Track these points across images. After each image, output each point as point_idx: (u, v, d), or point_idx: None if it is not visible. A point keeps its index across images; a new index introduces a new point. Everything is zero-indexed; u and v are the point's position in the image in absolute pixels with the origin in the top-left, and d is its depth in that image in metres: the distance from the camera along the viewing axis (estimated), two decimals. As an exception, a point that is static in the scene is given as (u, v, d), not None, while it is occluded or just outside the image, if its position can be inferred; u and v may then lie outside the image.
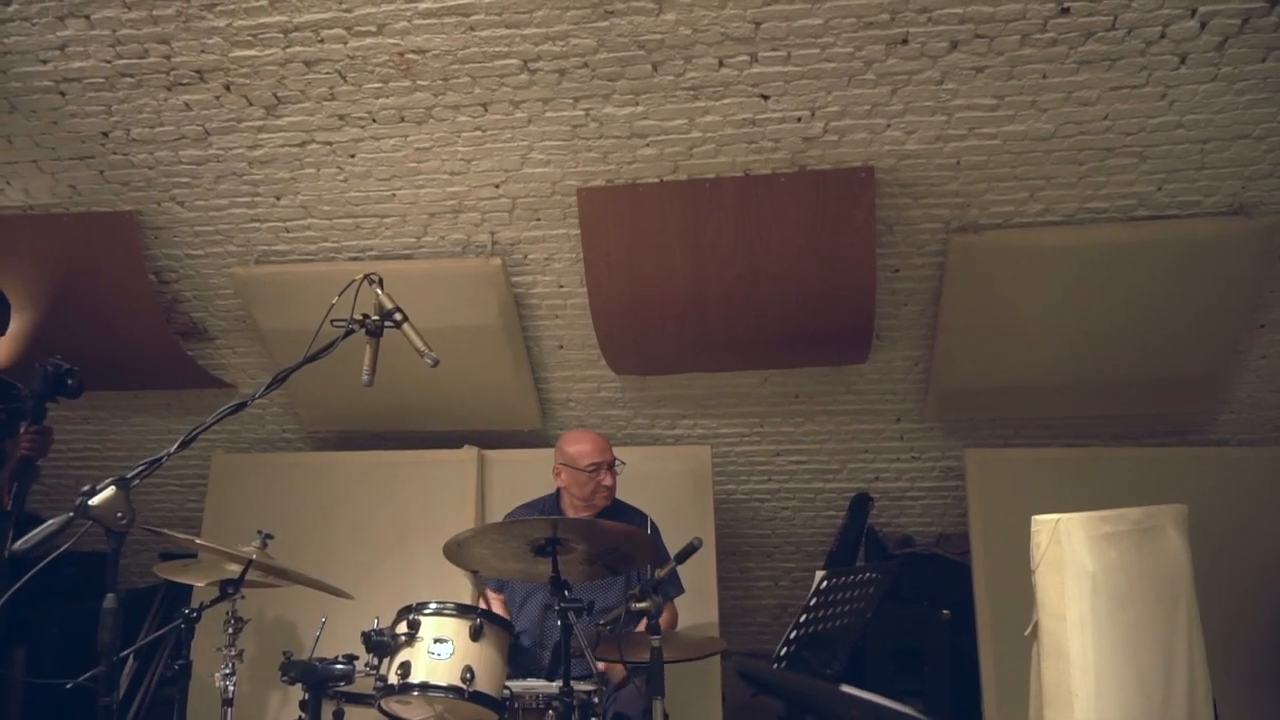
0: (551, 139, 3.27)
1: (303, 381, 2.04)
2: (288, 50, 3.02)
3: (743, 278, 3.52)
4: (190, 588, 3.45)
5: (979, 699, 3.67)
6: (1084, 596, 1.65)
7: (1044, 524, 1.70)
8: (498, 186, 3.45)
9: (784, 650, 2.23)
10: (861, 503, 4.15)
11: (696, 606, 3.73)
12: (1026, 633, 1.74)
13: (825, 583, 2.21)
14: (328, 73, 3.08)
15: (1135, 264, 3.41)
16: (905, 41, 2.89)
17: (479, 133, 3.27)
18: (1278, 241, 3.37)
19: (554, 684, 2.38)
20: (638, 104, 3.13)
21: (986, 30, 2.84)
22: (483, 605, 3.03)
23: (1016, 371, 3.74)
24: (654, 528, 2.91)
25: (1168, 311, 3.51)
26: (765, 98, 3.09)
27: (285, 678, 2.42)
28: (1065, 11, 2.77)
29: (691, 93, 3.09)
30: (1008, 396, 3.86)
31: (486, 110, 3.20)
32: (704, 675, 3.73)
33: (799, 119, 3.15)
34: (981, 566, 3.76)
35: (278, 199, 3.55)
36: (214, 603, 2.69)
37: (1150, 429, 3.99)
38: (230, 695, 2.71)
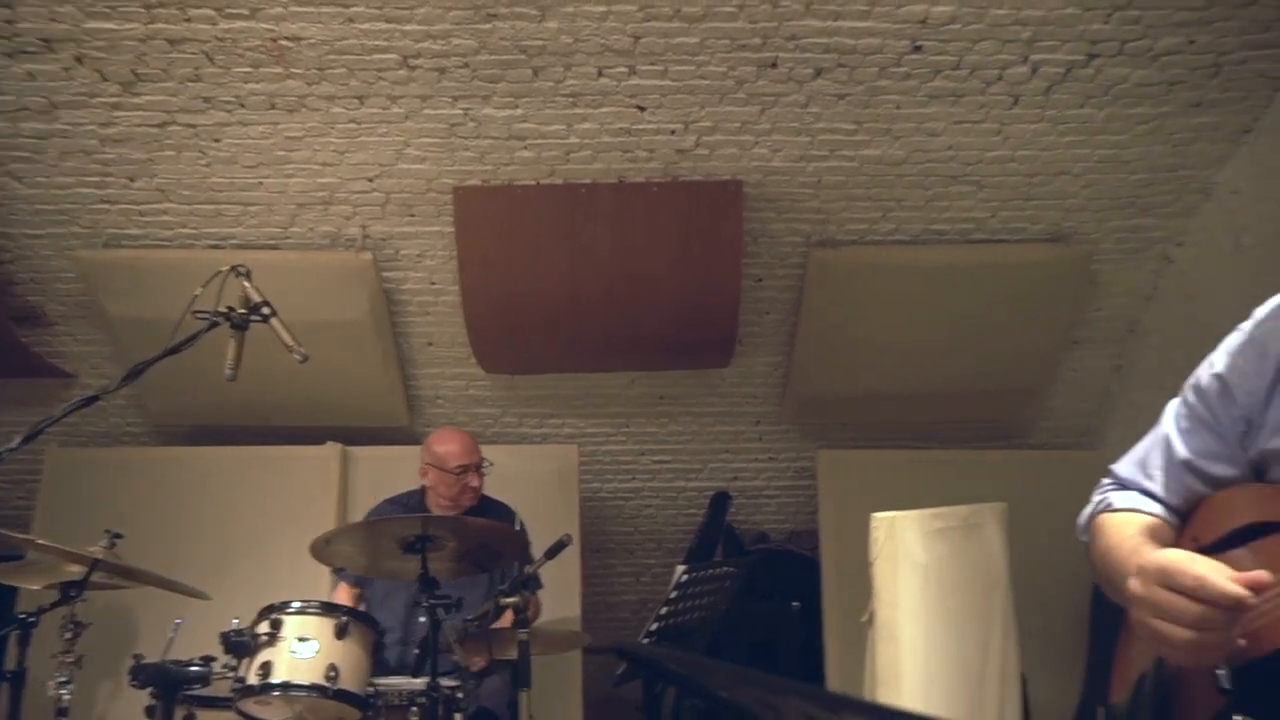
0: (429, 136, 3.26)
1: (151, 372, 1.97)
2: (150, 26, 2.88)
3: (616, 282, 3.62)
4: (14, 591, 3.23)
5: (825, 686, 3.90)
6: (915, 586, 1.84)
7: (882, 520, 1.88)
8: (371, 180, 3.41)
9: (644, 642, 2.33)
10: (721, 501, 4.33)
11: (560, 602, 3.79)
12: (863, 620, 1.91)
13: (685, 577, 2.33)
14: (193, 53, 2.96)
15: (971, 283, 3.73)
16: (775, 65, 3.06)
17: (353, 125, 3.22)
18: (1090, 268, 3.76)
19: (420, 680, 2.39)
20: (517, 107, 3.17)
21: (848, 60, 3.05)
22: (337, 599, 3.01)
23: (866, 379, 4.00)
24: (521, 524, 2.96)
25: (998, 327, 3.85)
26: (641, 109, 3.20)
27: (135, 682, 2.32)
28: (918, 49, 3.02)
29: (570, 99, 3.16)
30: (858, 402, 4.13)
31: (362, 103, 3.15)
32: (565, 669, 3.80)
33: (673, 131, 3.28)
34: (829, 561, 4.00)
35: (131, 180, 3.37)
36: (54, 606, 2.54)
37: (981, 434, 4.36)
38: (65, 705, 2.56)
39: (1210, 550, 1.04)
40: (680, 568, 2.37)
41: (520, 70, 3.05)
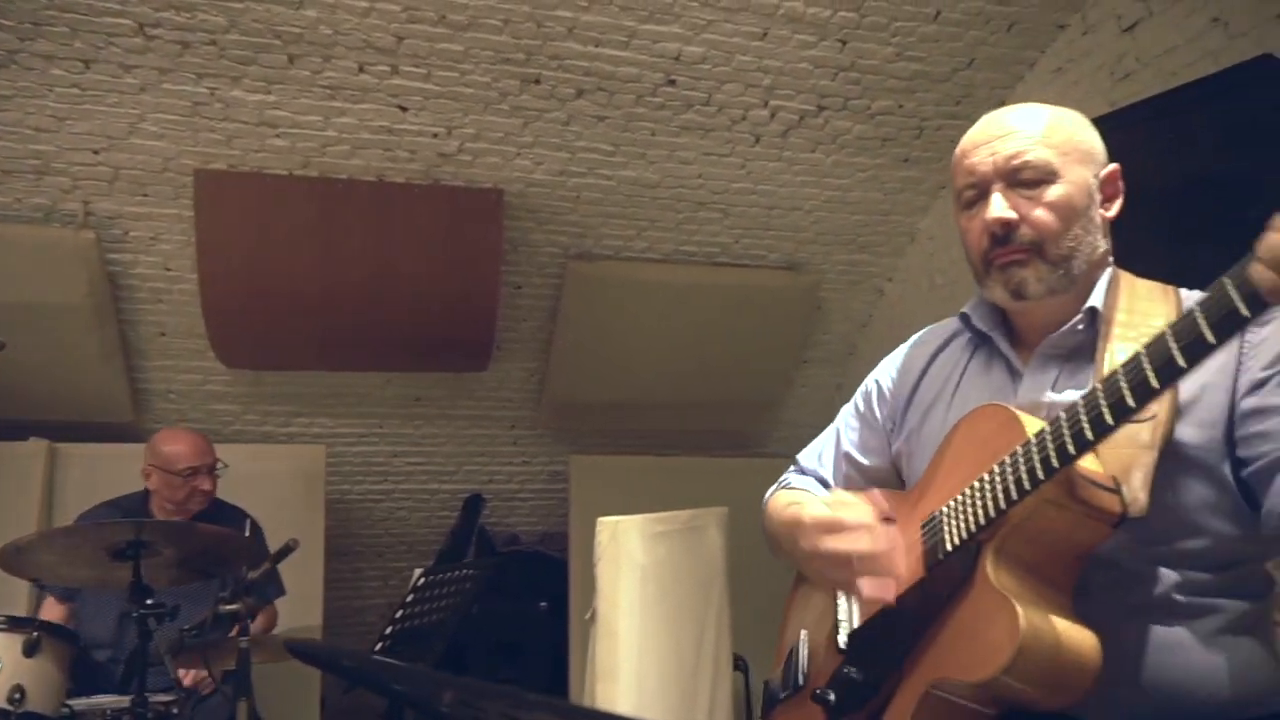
0: (168, 112, 3.04)
1: None
2: None
3: (371, 280, 3.55)
4: None
5: (569, 684, 4.04)
6: (634, 585, 1.99)
7: (606, 524, 2.01)
8: (97, 153, 3.12)
9: (380, 645, 2.33)
10: (474, 503, 4.36)
11: (301, 608, 3.65)
12: (586, 617, 2.04)
13: (421, 580, 2.35)
14: (-128, -11, 2.58)
15: (715, 302, 4.02)
16: (538, 81, 3.16)
17: (76, 90, 2.94)
18: (818, 294, 4.18)
19: (126, 697, 2.23)
20: (270, 93, 3.04)
21: (608, 85, 3.20)
22: (44, 615, 2.74)
23: (618, 388, 4.20)
24: (255, 527, 2.83)
25: (739, 345, 4.19)
26: (404, 109, 3.18)
27: None
28: (672, 83, 3.23)
29: (329, 91, 3.07)
30: (610, 409, 4.31)
31: (89, 68, 2.89)
32: (303, 679, 3.67)
33: (435, 135, 3.28)
34: (577, 562, 4.15)
35: None
36: None
37: (723, 442, 4.69)
38: None
39: None
40: (417, 571, 2.39)
41: (274, 55, 2.93)
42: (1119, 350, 1.01)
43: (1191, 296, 1.11)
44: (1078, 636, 0.87)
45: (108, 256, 3.37)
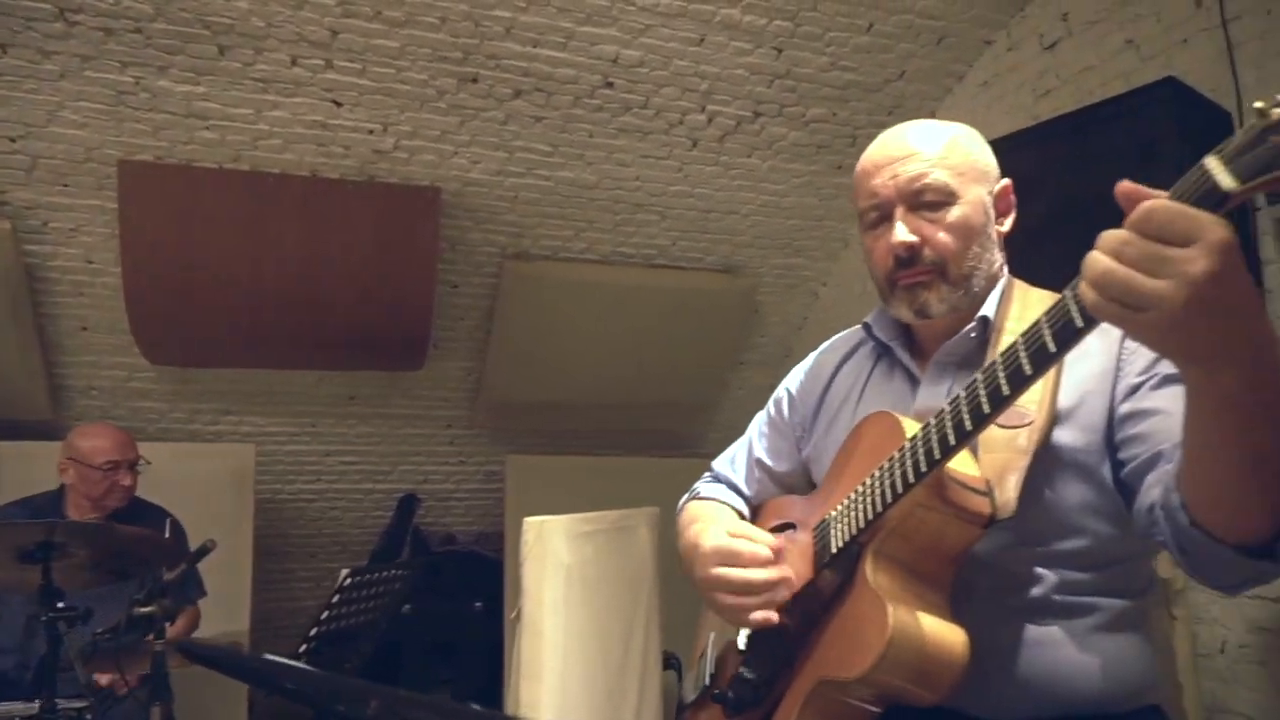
0: (91, 101, 2.96)
1: None
2: None
3: (304, 277, 3.50)
4: None
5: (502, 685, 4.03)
6: (559, 585, 2.00)
7: (532, 524, 2.02)
8: (14, 140, 3.02)
9: (305, 647, 2.30)
10: (408, 503, 4.32)
11: (229, 610, 3.59)
12: (511, 617, 2.04)
13: (348, 580, 2.33)
14: None
15: (653, 304, 4.05)
16: (476, 80, 3.15)
17: (-10, 75, 2.84)
18: (755, 297, 4.24)
19: (34, 704, 2.17)
20: (199, 84, 2.97)
21: (546, 86, 3.20)
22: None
23: (556, 387, 4.20)
24: (177, 527, 2.77)
25: (676, 346, 4.22)
26: (338, 105, 3.14)
27: None
28: (610, 85, 3.24)
29: (261, 84, 3.02)
30: (547, 409, 4.31)
31: (5, 52, 2.79)
32: (229, 682, 3.60)
33: (371, 131, 3.24)
34: (512, 562, 4.11)
35: None
36: None
37: (660, 443, 4.72)
38: None
39: None
40: (344, 571, 2.36)
41: (203, 46, 2.87)
42: None
43: None
44: (945, 634, 0.91)
45: (24, 248, 3.26)
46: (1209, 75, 2.49)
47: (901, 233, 1.10)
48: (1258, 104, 0.68)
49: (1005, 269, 1.20)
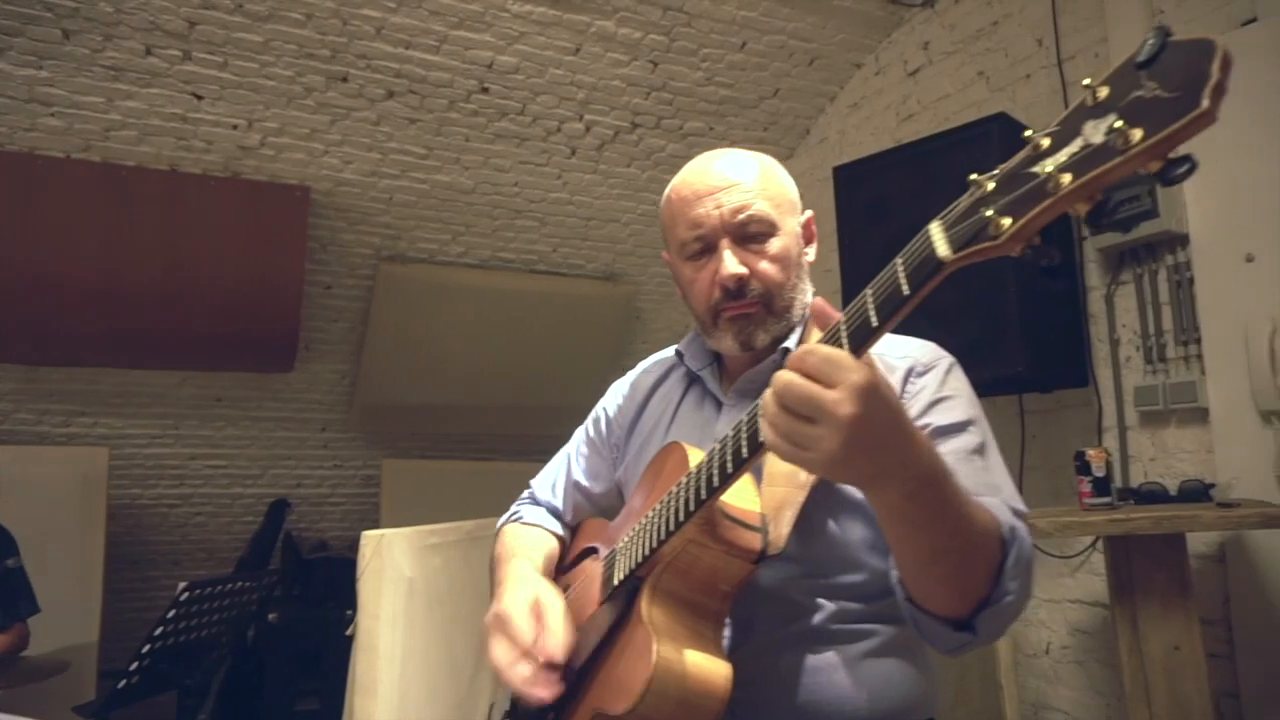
0: (-81, 82, 2.77)
1: None
2: None
3: (164, 274, 3.36)
4: None
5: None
6: (399, 598, 1.98)
7: (370, 538, 1.99)
8: None
9: (136, 665, 2.21)
10: (279, 509, 4.20)
11: (75, 622, 3.43)
12: (347, 633, 2.01)
13: (185, 594, 2.25)
14: None
15: (534, 310, 4.04)
16: (346, 79, 3.08)
17: None
18: (636, 304, 4.28)
19: None
20: (41, 68, 2.82)
21: (419, 89, 3.16)
22: None
23: (433, 391, 4.14)
24: (4, 535, 2.63)
25: (558, 352, 4.22)
26: (199, 98, 3.02)
27: None
28: (485, 90, 3.22)
29: (112, 72, 2.88)
30: (426, 413, 4.26)
31: None
32: (64, 698, 3.42)
33: (235, 126, 3.14)
34: (385, 568, 4.06)
35: None
36: None
37: (540, 448, 4.64)
38: None
39: (569, 567, 1.30)
40: (181, 584, 2.28)
41: (45, 28, 2.72)
42: None
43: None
44: (708, 668, 0.93)
45: None
46: (1045, 110, 2.64)
47: (733, 264, 1.09)
48: (973, 176, 0.71)
49: (812, 297, 1.23)
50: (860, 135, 3.47)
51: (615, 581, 1.06)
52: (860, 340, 0.76)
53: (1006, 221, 0.68)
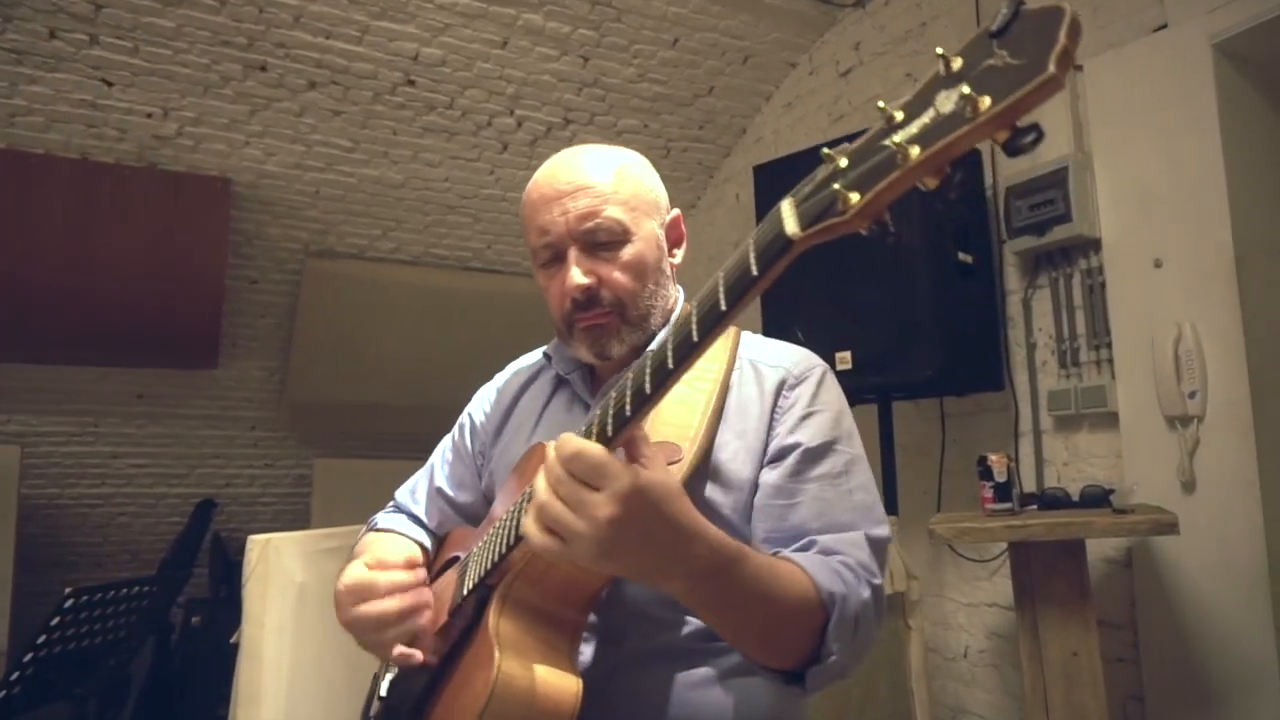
0: None
1: None
2: None
3: (75, 266, 3.25)
4: None
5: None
6: (287, 605, 1.91)
7: (256, 543, 1.92)
8: None
9: (16, 675, 2.11)
10: (205, 509, 4.09)
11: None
12: (233, 640, 1.94)
13: (70, 601, 2.16)
14: None
15: (469, 307, 3.98)
16: (264, 69, 2.99)
17: None
18: (575, 304, 4.22)
19: None
20: (-63, 50, 2.71)
21: (342, 80, 3.08)
22: None
23: (367, 390, 4.06)
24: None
25: (493, 350, 4.12)
26: (109, 84, 2.92)
27: None
28: (411, 83, 3.15)
29: (14, 55, 2.78)
30: (358, 412, 4.17)
31: None
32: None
33: (149, 115, 3.04)
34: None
35: None
36: None
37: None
38: None
39: (435, 577, 1.24)
40: (67, 590, 2.19)
41: (-60, 10, 2.61)
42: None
43: (752, 340, 1.16)
44: (556, 684, 0.88)
45: None
46: (968, 112, 2.63)
47: (577, 276, 1.05)
48: (825, 150, 0.67)
49: (681, 300, 1.19)
50: (794, 135, 3.45)
51: (465, 590, 1.01)
52: (708, 327, 0.71)
53: (854, 197, 0.63)
